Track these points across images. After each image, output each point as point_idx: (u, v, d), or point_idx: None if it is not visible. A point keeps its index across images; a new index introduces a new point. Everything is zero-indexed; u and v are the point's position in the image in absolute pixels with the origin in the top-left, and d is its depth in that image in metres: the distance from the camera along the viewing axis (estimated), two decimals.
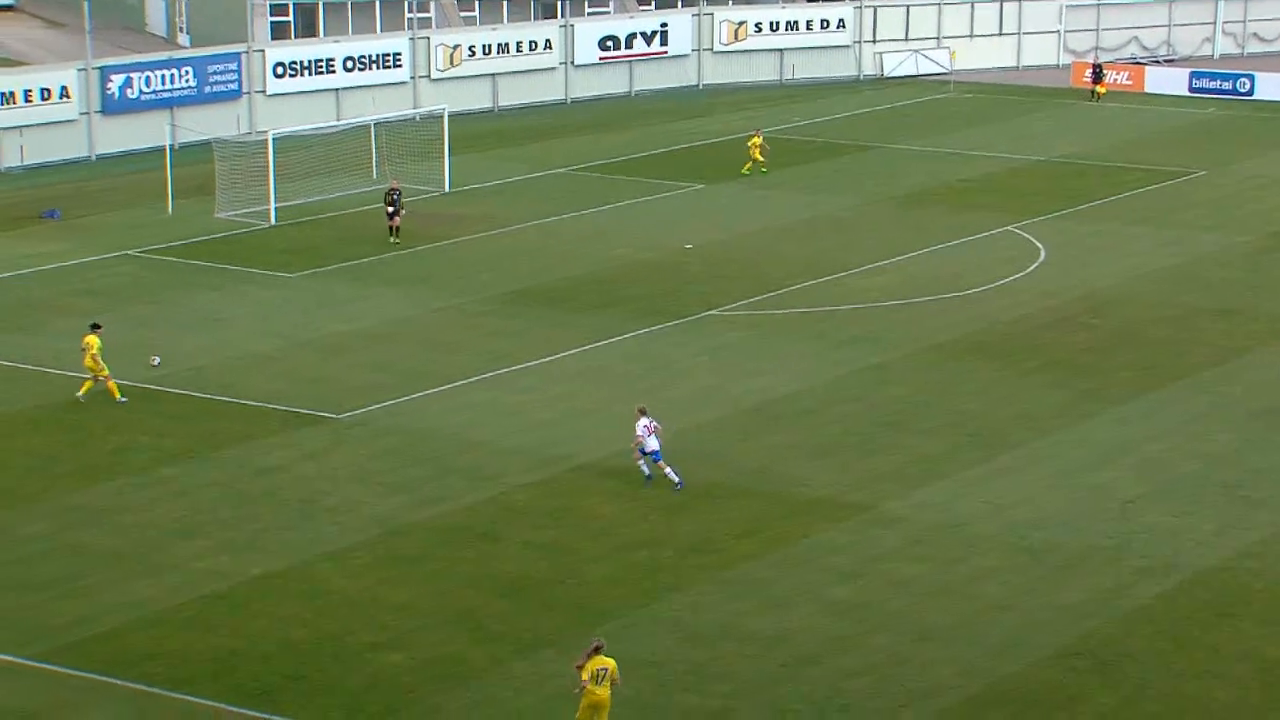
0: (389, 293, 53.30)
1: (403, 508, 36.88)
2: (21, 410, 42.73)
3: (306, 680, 29.62)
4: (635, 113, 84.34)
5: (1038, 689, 29.58)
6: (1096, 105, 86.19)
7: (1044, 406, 43.31)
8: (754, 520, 36.32)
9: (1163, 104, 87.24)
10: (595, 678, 26.34)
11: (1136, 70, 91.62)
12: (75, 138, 72.61)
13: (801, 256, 57.32)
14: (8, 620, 31.58)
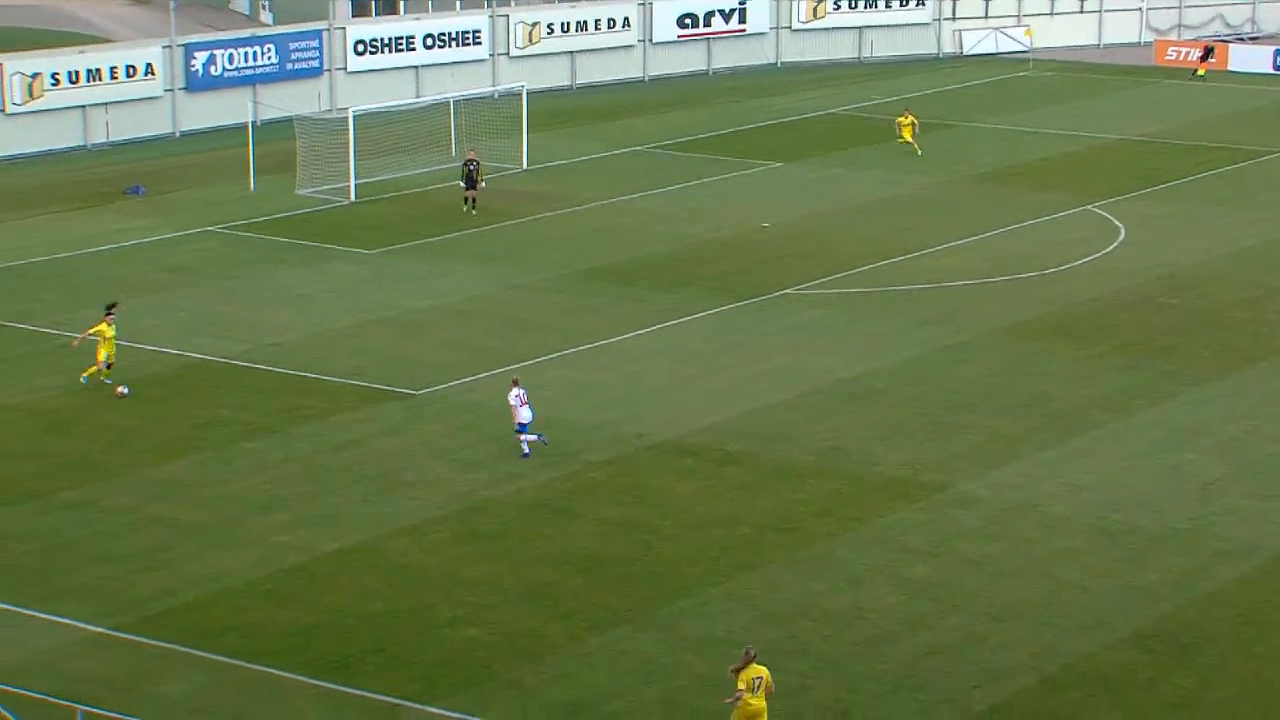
0: (466, 270, 53.46)
1: (480, 484, 37.01)
2: (106, 386, 43.05)
3: (384, 653, 29.79)
4: (713, 90, 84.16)
5: (1114, 671, 29.40)
6: (1183, 84, 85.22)
7: (1122, 387, 43.00)
8: (830, 499, 36.26)
9: (1247, 83, 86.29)
10: (751, 687, 26.16)
11: (1220, 48, 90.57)
12: (159, 114, 73.18)
13: (878, 235, 57.09)
14: (93, 592, 31.92)
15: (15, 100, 68.99)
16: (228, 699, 28.26)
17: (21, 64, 69.40)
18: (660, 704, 28.20)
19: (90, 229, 58.17)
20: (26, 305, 49.61)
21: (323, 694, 28.42)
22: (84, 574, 32.69)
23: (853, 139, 72.38)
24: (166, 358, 45.08)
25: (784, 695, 28.40)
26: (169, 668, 29.26)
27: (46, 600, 31.53)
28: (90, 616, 30.89)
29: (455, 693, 28.45)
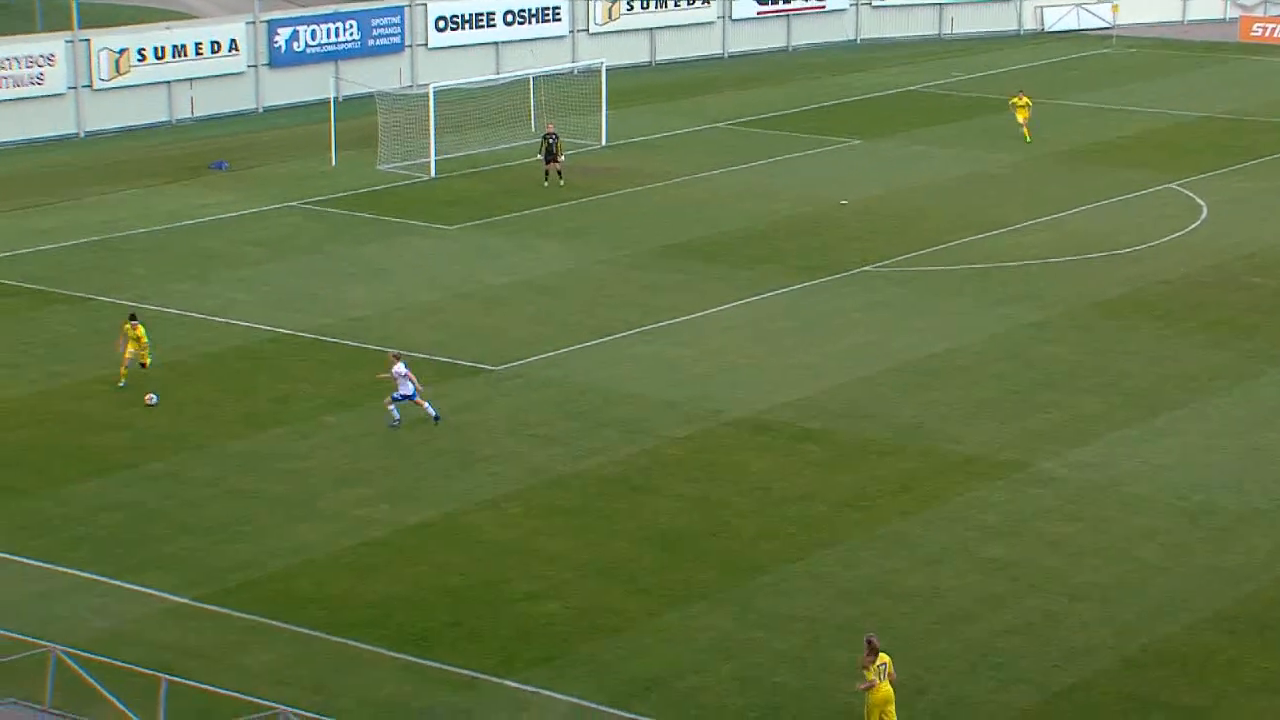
0: (547, 245, 53.54)
1: (558, 459, 37.08)
2: (191, 357, 43.45)
3: (462, 627, 29.93)
4: (792, 67, 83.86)
5: (1195, 652, 29.17)
6: (1267, 60, 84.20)
7: (1205, 367, 42.61)
8: (908, 477, 36.13)
9: None
10: (879, 673, 26.09)
11: None
12: (243, 90, 73.61)
13: (959, 213, 56.77)
14: (177, 562, 32.23)
15: (103, 76, 69.59)
16: (309, 670, 28.49)
17: (109, 40, 69.98)
18: (736, 680, 28.21)
19: (175, 203, 58.62)
20: (113, 278, 50.07)
21: (401, 666, 28.61)
22: (169, 545, 33.02)
23: (933, 116, 71.94)
24: (250, 331, 45.40)
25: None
26: (252, 639, 29.51)
27: (133, 570, 31.87)
28: (175, 587, 31.21)
29: (532, 667, 28.56)
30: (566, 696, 27.69)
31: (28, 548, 32.79)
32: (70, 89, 69.06)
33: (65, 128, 69.02)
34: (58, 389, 41.22)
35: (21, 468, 36.71)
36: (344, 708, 27.04)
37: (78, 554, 32.54)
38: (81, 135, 69.23)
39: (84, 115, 69.51)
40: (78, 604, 30.69)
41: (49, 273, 50.58)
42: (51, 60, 68.52)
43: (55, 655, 27.42)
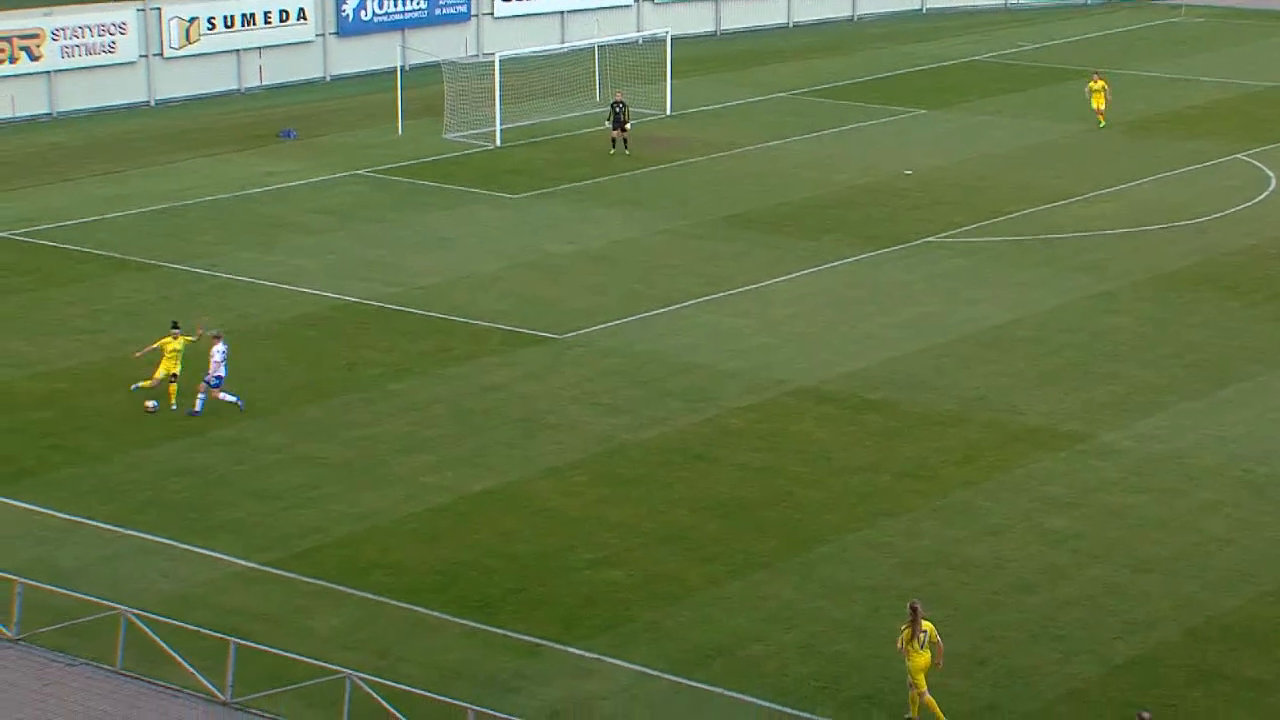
0: (610, 214, 53.56)
1: (621, 428, 37.14)
2: (260, 325, 43.71)
3: (526, 594, 30.05)
4: (858, 37, 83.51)
5: (1259, 625, 29.01)
6: None
7: (1272, 339, 42.27)
8: (970, 447, 36.02)
9: None
10: (920, 641, 26.03)
11: None
12: (311, 59, 73.86)
13: (1023, 183, 56.46)
14: (246, 527, 32.47)
15: (173, 44, 69.97)
16: (375, 634, 28.67)
17: (179, 9, 70.29)
18: (798, 649, 28.23)
19: (244, 171, 58.93)
20: (183, 246, 50.39)
21: (466, 632, 28.75)
22: (237, 510, 33.27)
23: (999, 86, 71.53)
24: (317, 299, 45.62)
25: None
26: (318, 603, 29.71)
27: (202, 535, 32.13)
28: (243, 551, 31.45)
29: (595, 634, 28.65)
30: (629, 664, 27.78)
31: (98, 511, 33.11)
32: (141, 57, 69.48)
33: (136, 95, 69.45)
34: (129, 356, 41.49)
35: (93, 432, 37.05)
36: (409, 672, 27.21)
37: (147, 517, 32.83)
38: (152, 103, 69.64)
39: (155, 83, 69.93)
40: (147, 567, 30.98)
41: (121, 240, 50.97)
42: (123, 29, 68.94)
43: (125, 618, 27.72)
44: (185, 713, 26.41)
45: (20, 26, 66.68)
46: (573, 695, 26.88)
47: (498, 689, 26.93)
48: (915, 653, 25.87)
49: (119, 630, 27.65)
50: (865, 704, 26.59)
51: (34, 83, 66.79)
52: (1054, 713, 26.46)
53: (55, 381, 39.95)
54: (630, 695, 26.93)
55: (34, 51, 66.71)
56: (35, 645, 28.27)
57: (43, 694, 26.96)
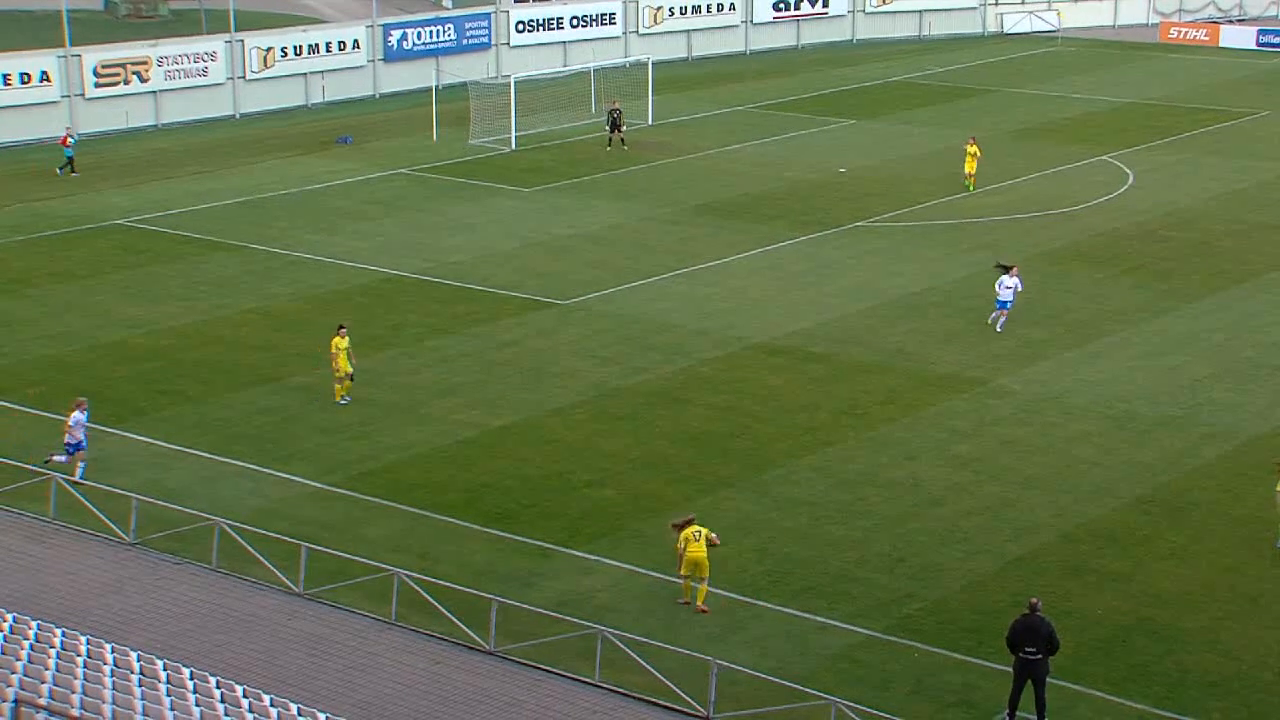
0: (604, 204, 53.36)
1: (613, 376, 37.09)
2: (323, 293, 43.54)
3: (537, 508, 30.05)
4: (801, 62, 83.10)
5: (1119, 529, 29.11)
6: (1183, 58, 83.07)
7: (1130, 303, 42.28)
8: (893, 390, 36.02)
9: (1235, 56, 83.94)
10: (694, 536, 25.88)
11: (1213, 28, 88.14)
12: (363, 80, 73.39)
13: (934, 179, 56.31)
14: (315, 455, 32.43)
15: (253, 69, 69.50)
16: (417, 541, 28.67)
17: (258, 40, 69.84)
18: (754, 551, 28.29)
19: (310, 170, 58.62)
20: (262, 230, 50.15)
21: (490, 538, 28.77)
22: (308, 441, 33.21)
23: (914, 101, 71.24)
24: (369, 273, 45.46)
25: (851, 545, 28.45)
26: (372, 516, 29.71)
27: (279, 461, 32.08)
28: (313, 475, 31.41)
29: (593, 540, 28.69)
30: (620, 563, 27.82)
31: (198, 443, 33.05)
32: (228, 79, 68.96)
33: (224, 110, 68.96)
34: (220, 318, 41.42)
35: (192, 380, 36.94)
36: (444, 571, 27.22)
37: (237, 448, 32.78)
38: (237, 116, 69.17)
39: (239, 100, 69.43)
40: (237, 487, 30.94)
41: (212, 225, 50.70)
42: (214, 57, 68.44)
43: (219, 527, 27.71)
44: (266, 601, 26.44)
45: (131, 55, 66.30)
46: (576, 589, 26.91)
47: (516, 584, 26.95)
48: (693, 547, 25.80)
49: (214, 537, 27.64)
50: (808, 594, 26.65)
51: (142, 100, 66.35)
52: (958, 600, 26.53)
53: (161, 339, 39.81)
54: (621, 589, 26.97)
55: (143, 75, 66.31)
56: (149, 548, 28.27)
57: (155, 586, 26.97)
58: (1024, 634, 22.72)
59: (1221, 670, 24.35)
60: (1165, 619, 25.86)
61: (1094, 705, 23.35)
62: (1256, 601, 26.42)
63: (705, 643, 24.80)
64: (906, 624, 25.65)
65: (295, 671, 24.12)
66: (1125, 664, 24.48)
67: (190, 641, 24.93)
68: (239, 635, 25.27)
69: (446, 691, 23.74)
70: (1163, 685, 23.92)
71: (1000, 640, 23.39)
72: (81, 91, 64.47)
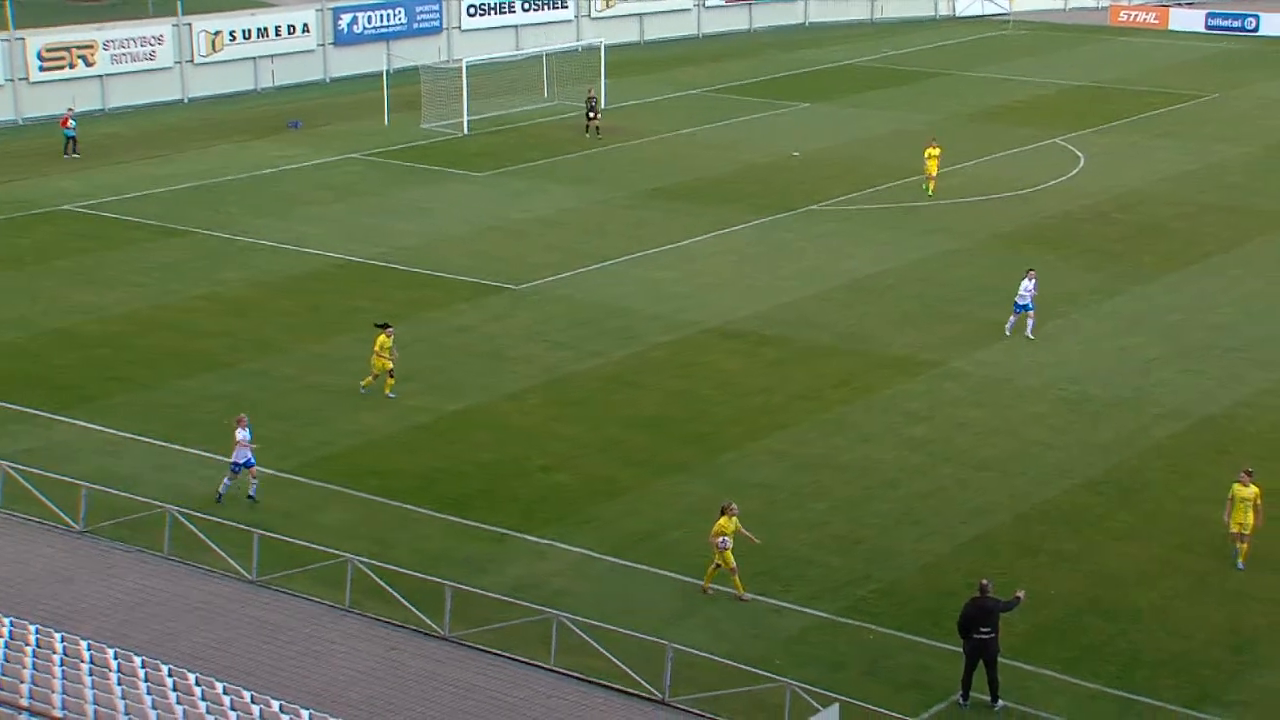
0: (557, 188, 53.26)
1: (567, 360, 37.05)
2: (276, 279, 43.30)
3: (492, 493, 30.00)
4: (754, 45, 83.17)
5: (1072, 509, 29.33)
6: (1134, 41, 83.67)
7: (1082, 285, 42.57)
8: (847, 373, 36.14)
9: (1183, 39, 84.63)
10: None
11: (1162, 11, 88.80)
12: (313, 64, 72.94)
13: (888, 162, 56.49)
14: (267, 442, 32.12)
15: (201, 53, 68.97)
16: (371, 528, 28.58)
17: (206, 24, 69.28)
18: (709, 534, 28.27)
19: (260, 155, 58.23)
20: (213, 215, 49.80)
21: (445, 524, 28.70)
22: (261, 428, 32.78)
23: (867, 84, 71.46)
24: (321, 258, 45.22)
25: (808, 527, 28.54)
26: (327, 502, 29.58)
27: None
28: (266, 461, 31.18)
29: (547, 524, 28.67)
30: (575, 548, 27.82)
31: (149, 430, 32.81)
32: (176, 63, 68.40)
33: (172, 95, 68.38)
34: (171, 304, 41.10)
35: (144, 366, 36.67)
36: (399, 557, 27.14)
37: (189, 435, 32.55)
38: (185, 101, 68.59)
39: (187, 84, 68.88)
40: (189, 474, 30.74)
41: (162, 210, 50.30)
42: (160, 40, 67.83)
43: (171, 514, 27.52)
44: (220, 588, 26.29)
45: (78, 39, 65.66)
46: (531, 573, 26.89)
47: (471, 569, 26.90)
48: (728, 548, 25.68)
49: (166, 524, 27.45)
50: (764, 578, 26.70)
51: (89, 84, 65.70)
52: (913, 581, 26.68)
53: (111, 325, 39.49)
54: (576, 572, 26.97)
55: (89, 59, 65.65)
56: (99, 537, 28.05)
57: (105, 575, 26.77)
58: (976, 615, 22.87)
59: (1172, 648, 24.59)
60: (1117, 598, 26.09)
61: (1047, 685, 23.53)
62: (1206, 580, 26.70)
63: (661, 626, 24.84)
64: (861, 606, 25.77)
65: (249, 659, 24.00)
66: (1078, 643, 24.69)
67: (142, 630, 24.76)
68: (191, 623, 25.12)
69: (401, 677, 23.69)
70: (1115, 664, 24.13)
71: (954, 622, 23.50)
72: (26, 75, 63.79)
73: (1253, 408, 34.05)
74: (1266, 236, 47.13)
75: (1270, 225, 48.27)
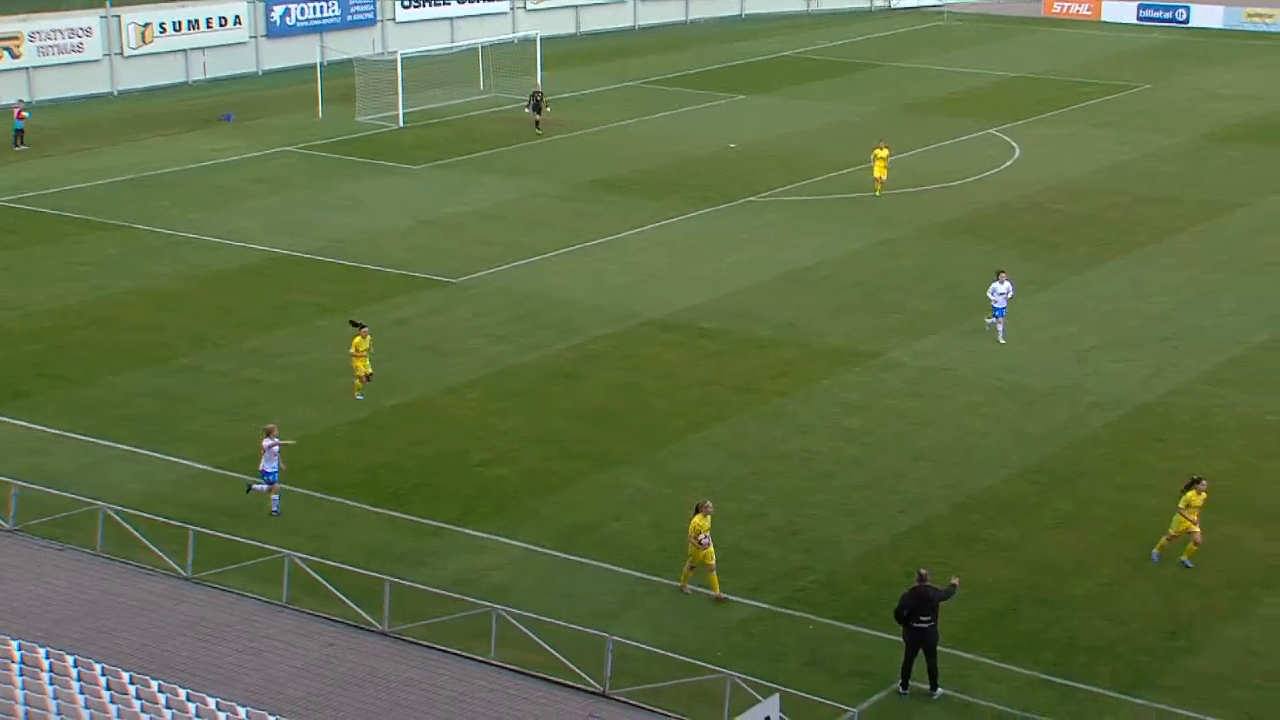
0: (495, 181, 53.12)
1: (507, 353, 36.99)
2: (209, 273, 42.96)
3: (431, 487, 29.92)
4: (690, 37, 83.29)
5: (1009, 498, 29.59)
6: (1068, 32, 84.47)
7: (1018, 275, 42.73)
8: (785, 364, 36.28)
9: (1116, 30, 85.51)
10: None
11: (1095, 2, 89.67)
12: (246, 56, 72.37)
13: (824, 154, 56.73)
14: (202, 437, 32.00)
15: (131, 45, 68.25)
16: (312, 522, 28.42)
17: (136, 16, 68.57)
18: (651, 526, 28.39)
19: (193, 148, 57.71)
20: (144, 209, 49.32)
21: (384, 519, 28.59)
22: (195, 423, 32.78)
23: (803, 75, 71.72)
24: (257, 252, 44.89)
25: (746, 519, 28.62)
26: (264, 498, 29.31)
27: (166, 443, 31.63)
28: (200, 457, 31.01)
29: (487, 518, 28.62)
30: (515, 541, 27.78)
31: (80, 426, 32.48)
32: (105, 56, 67.69)
33: (101, 87, 67.69)
34: (102, 299, 40.69)
35: (74, 362, 36.28)
36: (338, 552, 27.02)
37: (120, 430, 32.25)
38: (115, 93, 67.89)
39: (116, 77, 68.17)
40: (121, 471, 30.46)
41: (92, 204, 49.76)
42: (89, 32, 67.11)
43: (104, 512, 27.26)
44: (154, 586, 26.07)
45: (3, 30, 64.73)
46: (471, 568, 26.84)
47: (410, 564, 26.81)
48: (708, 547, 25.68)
49: (98, 522, 27.18)
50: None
51: (14, 77, 64.91)
52: (852, 571, 26.83)
53: (40, 321, 39.03)
54: (516, 566, 26.94)
55: (14, 51, 64.83)
56: (30, 535, 27.73)
57: (36, 574, 26.47)
58: (916, 604, 23.05)
59: (1109, 635, 24.87)
60: (1054, 586, 26.35)
61: (985, 672, 23.74)
62: (1141, 567, 27.02)
63: (601, 619, 24.86)
64: (801, 596, 25.89)
65: (184, 656, 23.82)
66: (1015, 631, 24.93)
67: (74, 628, 24.51)
68: (125, 621, 24.89)
69: (340, 673, 23.58)
70: (1052, 651, 24.39)
71: (893, 611, 23.62)
72: None
73: (1185, 396, 34.49)
74: (1199, 226, 47.72)
75: (1203, 215, 48.89)
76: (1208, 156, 56.70)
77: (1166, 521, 27.34)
